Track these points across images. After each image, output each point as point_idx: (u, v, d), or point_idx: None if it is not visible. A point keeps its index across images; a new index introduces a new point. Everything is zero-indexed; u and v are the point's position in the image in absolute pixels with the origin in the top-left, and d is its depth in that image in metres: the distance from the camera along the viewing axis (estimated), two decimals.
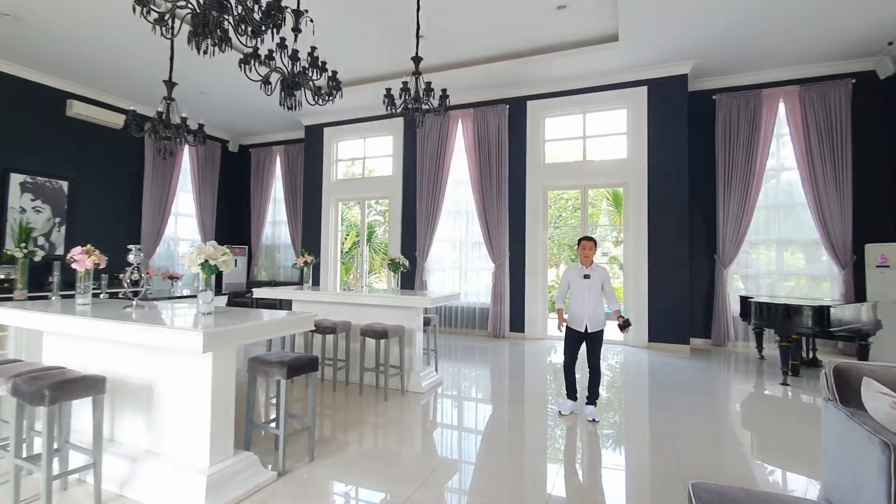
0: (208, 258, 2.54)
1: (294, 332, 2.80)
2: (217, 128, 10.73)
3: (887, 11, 5.74)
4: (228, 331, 2.26)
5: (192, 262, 2.54)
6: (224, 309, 3.02)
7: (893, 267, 6.16)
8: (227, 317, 2.65)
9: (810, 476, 3.04)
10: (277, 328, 2.62)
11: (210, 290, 2.68)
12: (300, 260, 5.43)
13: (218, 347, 2.21)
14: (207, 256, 2.54)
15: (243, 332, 2.36)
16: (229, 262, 2.64)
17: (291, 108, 4.29)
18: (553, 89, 7.84)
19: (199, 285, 2.65)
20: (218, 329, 2.22)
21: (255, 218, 11.12)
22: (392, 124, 9.07)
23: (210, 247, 2.57)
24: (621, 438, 3.60)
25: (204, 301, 2.65)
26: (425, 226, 8.55)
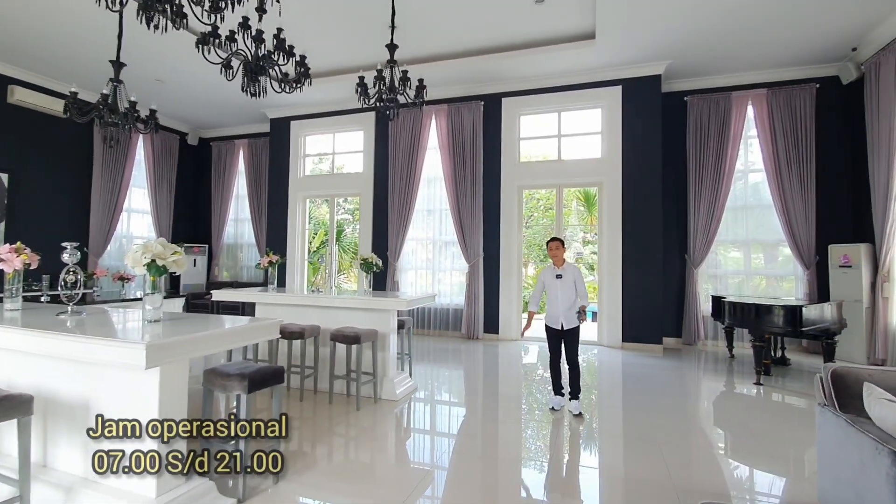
0: (156, 257, 2.22)
1: (257, 340, 2.51)
2: (175, 119, 10.10)
3: (852, 19, 5.88)
4: (178, 342, 1.95)
5: (136, 263, 2.21)
6: (177, 315, 2.69)
7: (855, 267, 6.33)
8: (178, 325, 2.34)
9: (797, 478, 2.97)
10: (237, 337, 2.32)
11: (159, 294, 2.35)
12: (264, 259, 5.08)
13: (165, 362, 1.90)
14: (155, 255, 2.22)
15: (196, 344, 2.06)
16: (181, 263, 2.33)
17: (255, 95, 3.96)
18: (528, 87, 7.73)
19: (145, 288, 2.32)
20: (165, 341, 1.91)
21: (216, 215, 10.54)
22: (363, 119, 8.74)
23: (158, 244, 2.25)
24: (606, 444, 3.47)
25: (151, 306, 2.33)
26: (397, 224, 8.28)
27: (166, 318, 2.47)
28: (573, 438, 3.60)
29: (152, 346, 1.81)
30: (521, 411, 4.35)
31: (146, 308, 2.33)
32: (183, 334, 2.04)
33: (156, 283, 2.33)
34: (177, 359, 1.95)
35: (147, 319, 2.32)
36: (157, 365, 1.85)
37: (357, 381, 4.01)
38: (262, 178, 10.03)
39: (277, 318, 2.60)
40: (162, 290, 2.37)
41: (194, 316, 2.70)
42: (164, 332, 2.13)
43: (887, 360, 5.96)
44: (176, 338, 1.96)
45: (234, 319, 2.62)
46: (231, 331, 2.28)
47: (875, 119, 6.17)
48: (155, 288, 2.34)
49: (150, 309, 2.32)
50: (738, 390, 5.02)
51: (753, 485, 2.96)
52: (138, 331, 2.20)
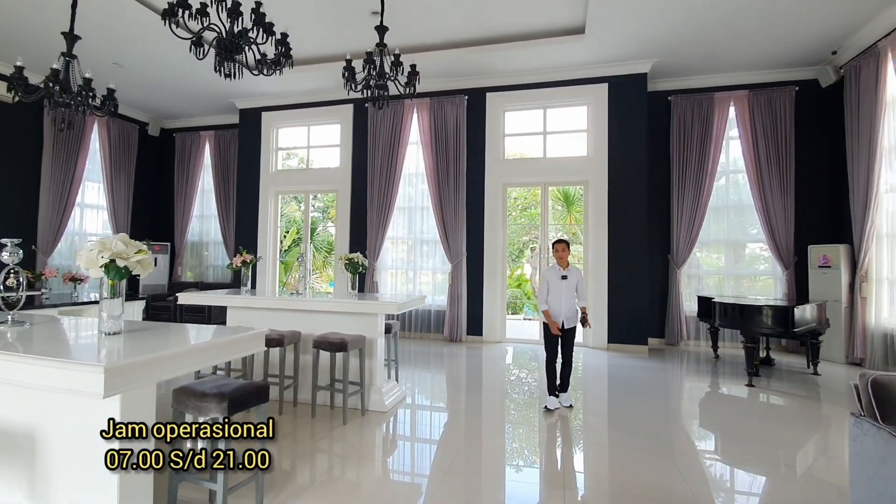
0: (116, 257, 1.85)
1: (241, 355, 2.16)
2: (134, 107, 9.39)
3: (833, 22, 5.94)
4: (144, 363, 1.59)
5: (91, 264, 1.83)
6: (139, 325, 2.31)
7: (835, 267, 6.43)
8: (144, 338, 1.96)
9: (829, 492, 2.85)
10: (218, 353, 1.96)
11: (118, 299, 1.97)
12: (237, 259, 4.66)
13: (128, 387, 1.54)
14: (115, 255, 1.85)
15: (167, 363, 1.69)
16: (147, 263, 1.96)
17: (229, 77, 3.57)
18: (514, 82, 7.52)
19: (102, 293, 1.94)
20: (129, 361, 1.55)
21: (179, 211, 9.88)
22: (340, 111, 8.34)
23: (118, 241, 1.88)
24: (617, 456, 3.27)
25: (110, 315, 1.94)
26: (376, 223, 7.92)
27: (127, 330, 2.09)
28: (591, 460, 3.38)
29: (113, 370, 1.45)
30: (518, 420, 4.12)
31: (103, 318, 1.95)
32: (151, 351, 1.68)
33: (115, 288, 1.95)
34: (143, 383, 1.59)
35: (105, 332, 1.94)
36: (118, 392, 1.49)
37: (344, 391, 3.68)
38: (231, 173, 9.46)
39: (262, 328, 2.25)
40: (122, 295, 1.99)
41: (160, 326, 2.31)
42: (126, 348, 1.76)
43: (866, 359, 6.06)
44: (142, 356, 1.59)
45: (209, 330, 2.26)
46: (210, 346, 1.93)
47: (855, 122, 6.26)
48: (114, 293, 1.96)
49: (109, 319, 1.94)
50: (732, 392, 4.94)
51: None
52: (94, 347, 1.82)
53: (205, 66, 7.44)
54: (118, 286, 1.95)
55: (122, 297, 1.97)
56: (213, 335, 2.08)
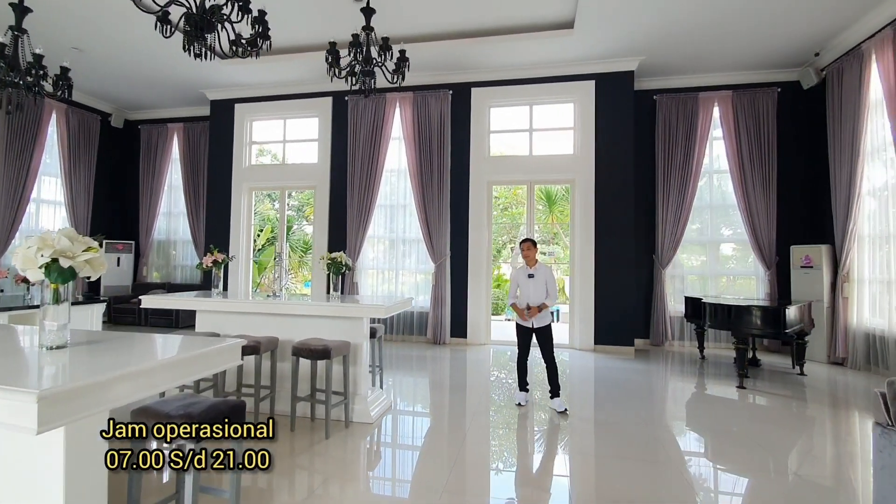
0: (59, 255, 1.54)
1: (213, 371, 1.86)
2: (96, 97, 8.80)
3: (817, 24, 5.97)
4: (93, 386, 1.28)
5: (29, 263, 1.51)
6: (93, 336, 1.98)
7: (816, 268, 6.47)
8: (93, 352, 1.65)
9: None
10: (186, 370, 1.66)
11: (63, 305, 1.66)
12: (208, 258, 4.30)
13: (72, 418, 1.24)
14: (57, 253, 1.54)
15: (122, 386, 1.38)
16: (98, 263, 1.65)
17: (200, 56, 3.24)
18: (500, 77, 7.33)
19: (43, 299, 1.62)
20: (73, 386, 1.24)
21: (144, 208, 9.32)
22: (318, 104, 7.98)
23: (62, 237, 1.57)
24: (617, 468, 3.09)
25: (52, 325, 1.63)
26: (357, 221, 7.61)
27: (77, 342, 1.77)
28: (586, 471, 3.19)
29: (50, 397, 1.15)
30: (508, 429, 3.91)
31: (45, 328, 1.63)
32: (103, 371, 1.37)
33: (58, 293, 1.64)
34: (92, 411, 1.29)
35: (46, 346, 1.62)
36: (58, 425, 1.19)
37: (326, 402, 3.39)
38: (201, 167, 8.97)
39: (235, 335, 1.96)
40: (69, 300, 1.68)
41: (117, 337, 1.99)
42: (72, 367, 1.45)
43: (847, 358, 6.11)
44: (90, 379, 1.28)
45: (175, 341, 1.95)
46: (177, 363, 1.62)
47: (837, 124, 6.31)
48: (57, 299, 1.64)
49: (51, 330, 1.63)
50: (724, 395, 4.86)
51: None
52: (29, 366, 1.51)
53: (173, 53, 7.02)
54: (63, 290, 1.63)
55: (69, 303, 1.66)
56: (180, 349, 1.78)
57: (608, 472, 3.01)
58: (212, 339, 1.88)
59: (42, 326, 1.63)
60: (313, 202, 12.89)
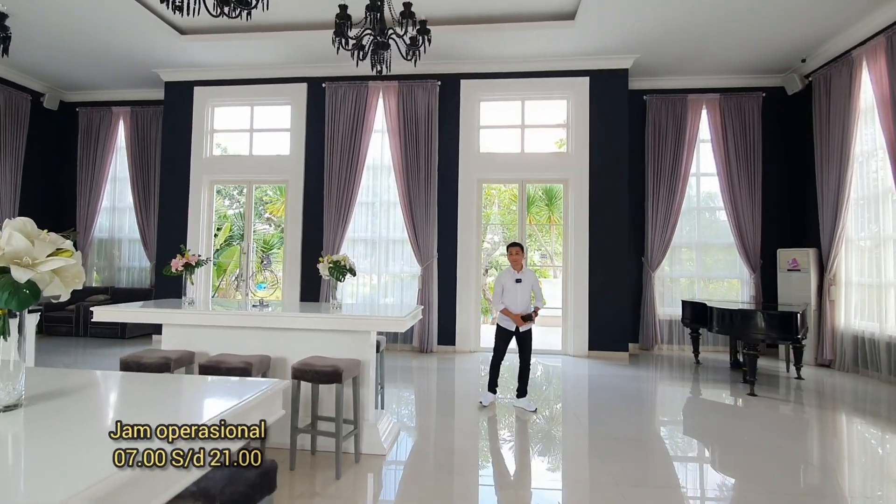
0: (11, 263, 0.95)
1: (245, 438, 1.28)
2: (26, 72, 7.62)
3: (806, 30, 6.01)
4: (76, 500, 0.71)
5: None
6: (57, 380, 1.37)
7: (804, 271, 6.52)
8: (61, 417, 1.06)
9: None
10: (218, 443, 1.08)
11: (12, 342, 1.05)
12: (178, 261, 3.59)
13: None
14: (7, 259, 0.95)
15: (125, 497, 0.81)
16: (72, 275, 1.07)
17: (180, 10, 2.59)
18: (492, 69, 6.93)
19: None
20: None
21: (83, 201, 8.19)
22: (292, 91, 7.26)
23: (15, 233, 0.98)
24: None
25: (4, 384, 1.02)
26: (335, 219, 6.96)
27: (32, 396, 1.16)
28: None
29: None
30: (552, 451, 3.49)
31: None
32: (94, 469, 0.80)
33: (6, 325, 1.04)
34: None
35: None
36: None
37: (337, 435, 2.82)
38: (152, 157, 7.99)
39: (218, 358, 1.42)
40: (23, 337, 1.07)
41: (88, 382, 1.38)
42: (29, 454, 0.87)
43: (835, 360, 6.17)
44: (72, 488, 0.71)
45: (191, 386, 1.37)
46: (205, 434, 1.04)
47: (825, 129, 6.38)
48: (5, 331, 1.04)
49: (5, 390, 1.02)
50: (738, 404, 4.69)
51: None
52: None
53: (124, 23, 6.12)
54: (18, 319, 1.03)
55: (23, 341, 1.06)
56: (208, 396, 1.21)
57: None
58: (251, 383, 1.32)
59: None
60: (280, 197, 11.98)
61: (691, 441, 3.79)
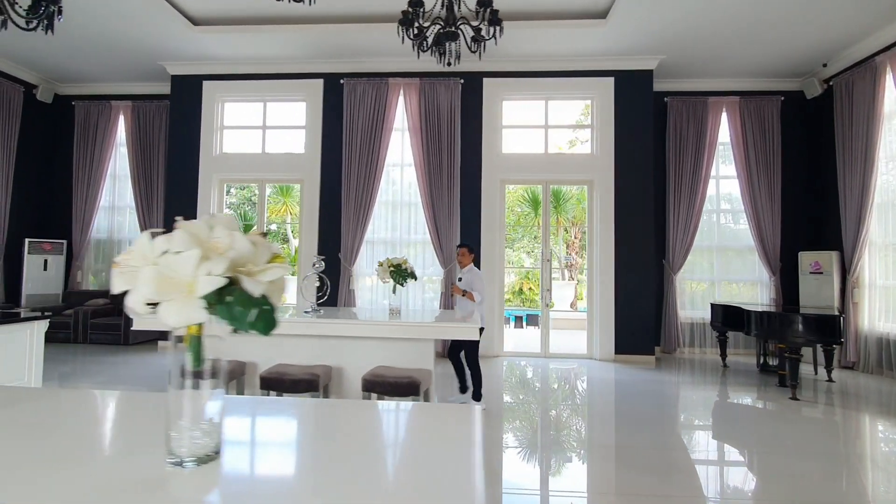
0: (239, 272, 0.74)
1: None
2: (17, 62, 7.18)
3: (827, 35, 6.05)
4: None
5: (170, 287, 0.70)
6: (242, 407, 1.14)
7: (826, 274, 6.55)
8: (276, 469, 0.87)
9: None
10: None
11: (209, 375, 0.84)
12: None
13: None
14: (236, 267, 0.74)
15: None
16: (280, 286, 0.85)
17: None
18: (515, 68, 6.79)
19: (177, 371, 0.80)
20: None
21: (79, 201, 7.76)
22: (307, 87, 6.99)
23: (234, 234, 0.77)
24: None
25: (195, 422, 0.81)
26: (354, 220, 6.72)
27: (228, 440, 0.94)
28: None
29: None
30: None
31: (181, 431, 0.81)
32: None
33: (200, 351, 0.83)
34: None
35: (183, 459, 0.80)
36: None
37: None
38: (156, 154, 7.61)
39: (278, 368, 1.22)
40: (222, 366, 0.86)
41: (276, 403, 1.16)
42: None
43: (858, 362, 6.21)
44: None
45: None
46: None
47: (848, 134, 6.41)
48: (199, 360, 0.83)
49: (192, 428, 0.81)
50: (791, 410, 4.60)
51: None
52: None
53: (127, 11, 5.77)
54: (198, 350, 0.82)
55: (223, 372, 0.85)
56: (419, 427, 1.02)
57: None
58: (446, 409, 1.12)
59: (174, 430, 0.80)
60: (282, 198, 11.65)
61: (772, 453, 3.68)
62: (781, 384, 5.24)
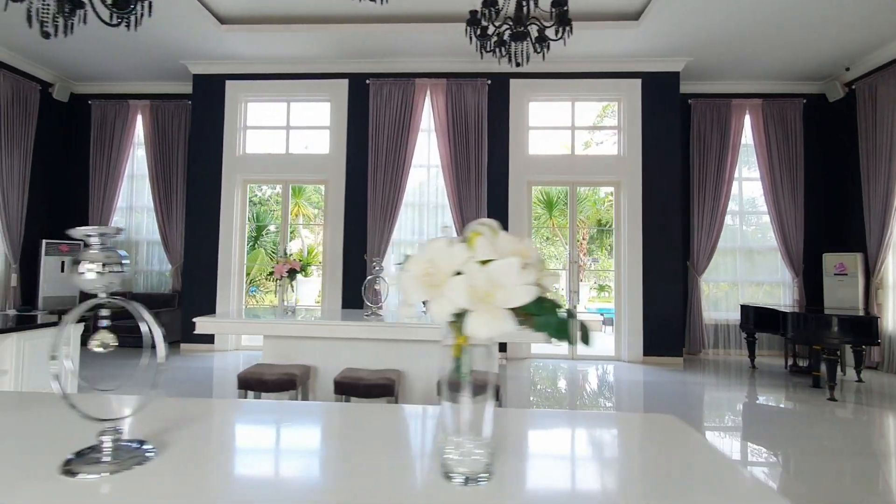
0: (539, 283, 0.71)
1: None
2: (33, 60, 7.04)
3: (849, 40, 6.10)
4: None
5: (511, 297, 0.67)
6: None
7: (851, 275, 6.61)
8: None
9: None
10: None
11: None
12: (282, 266, 3.28)
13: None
14: (539, 277, 0.70)
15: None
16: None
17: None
18: (543, 69, 6.74)
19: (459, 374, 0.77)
20: None
21: (96, 201, 7.63)
22: (332, 87, 6.94)
23: (523, 242, 0.74)
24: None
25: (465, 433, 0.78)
26: (380, 221, 6.67)
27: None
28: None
29: None
30: None
31: (457, 440, 0.78)
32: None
33: (462, 361, 0.80)
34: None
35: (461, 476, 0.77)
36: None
37: None
38: (176, 154, 7.51)
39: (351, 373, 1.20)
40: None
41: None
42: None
43: (882, 363, 6.27)
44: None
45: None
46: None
47: (871, 137, 6.48)
48: (462, 370, 0.80)
49: (463, 446, 0.78)
50: (834, 412, 4.63)
51: None
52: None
53: (156, 8, 5.66)
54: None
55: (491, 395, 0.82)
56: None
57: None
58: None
59: (451, 433, 0.77)
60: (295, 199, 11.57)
61: (837, 456, 3.69)
62: (815, 385, 5.28)
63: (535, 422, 1.24)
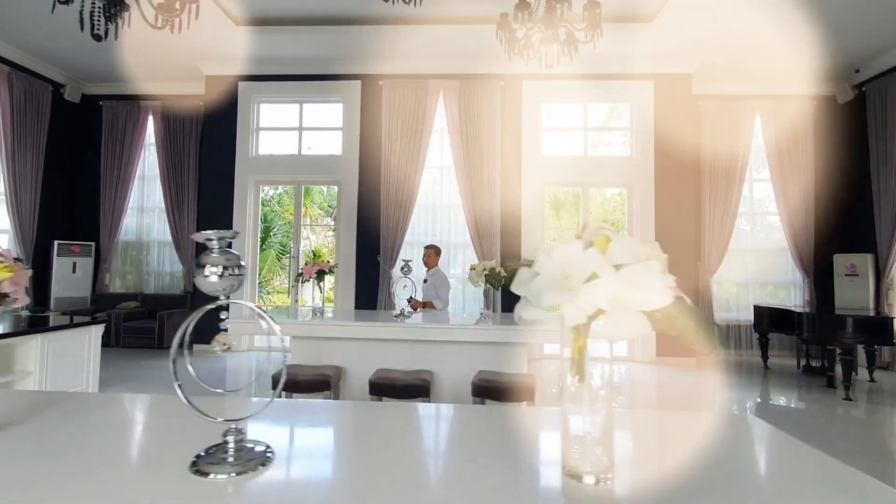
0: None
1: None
2: (45, 60, 7.04)
3: (859, 43, 6.16)
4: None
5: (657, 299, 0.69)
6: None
7: (862, 276, 6.65)
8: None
9: None
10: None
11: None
12: (311, 268, 3.29)
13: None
14: None
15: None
16: None
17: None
18: (555, 70, 6.77)
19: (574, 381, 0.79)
20: None
21: (107, 202, 7.63)
22: (344, 88, 6.95)
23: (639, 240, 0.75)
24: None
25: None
26: (393, 221, 6.69)
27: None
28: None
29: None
30: None
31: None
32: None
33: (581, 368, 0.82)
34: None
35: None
36: None
37: None
38: (188, 156, 7.51)
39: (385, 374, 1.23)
40: None
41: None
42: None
43: (893, 362, 6.31)
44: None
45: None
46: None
47: (881, 139, 6.53)
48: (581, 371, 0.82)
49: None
50: (842, 410, 4.68)
51: None
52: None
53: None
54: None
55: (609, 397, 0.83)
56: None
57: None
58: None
59: (572, 433, 0.79)
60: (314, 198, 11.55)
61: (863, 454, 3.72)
62: (829, 385, 5.31)
63: (620, 422, 1.25)
